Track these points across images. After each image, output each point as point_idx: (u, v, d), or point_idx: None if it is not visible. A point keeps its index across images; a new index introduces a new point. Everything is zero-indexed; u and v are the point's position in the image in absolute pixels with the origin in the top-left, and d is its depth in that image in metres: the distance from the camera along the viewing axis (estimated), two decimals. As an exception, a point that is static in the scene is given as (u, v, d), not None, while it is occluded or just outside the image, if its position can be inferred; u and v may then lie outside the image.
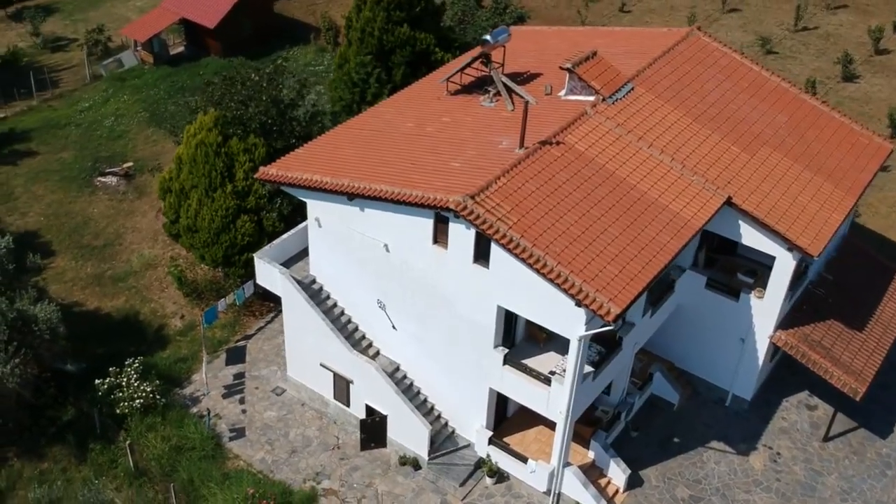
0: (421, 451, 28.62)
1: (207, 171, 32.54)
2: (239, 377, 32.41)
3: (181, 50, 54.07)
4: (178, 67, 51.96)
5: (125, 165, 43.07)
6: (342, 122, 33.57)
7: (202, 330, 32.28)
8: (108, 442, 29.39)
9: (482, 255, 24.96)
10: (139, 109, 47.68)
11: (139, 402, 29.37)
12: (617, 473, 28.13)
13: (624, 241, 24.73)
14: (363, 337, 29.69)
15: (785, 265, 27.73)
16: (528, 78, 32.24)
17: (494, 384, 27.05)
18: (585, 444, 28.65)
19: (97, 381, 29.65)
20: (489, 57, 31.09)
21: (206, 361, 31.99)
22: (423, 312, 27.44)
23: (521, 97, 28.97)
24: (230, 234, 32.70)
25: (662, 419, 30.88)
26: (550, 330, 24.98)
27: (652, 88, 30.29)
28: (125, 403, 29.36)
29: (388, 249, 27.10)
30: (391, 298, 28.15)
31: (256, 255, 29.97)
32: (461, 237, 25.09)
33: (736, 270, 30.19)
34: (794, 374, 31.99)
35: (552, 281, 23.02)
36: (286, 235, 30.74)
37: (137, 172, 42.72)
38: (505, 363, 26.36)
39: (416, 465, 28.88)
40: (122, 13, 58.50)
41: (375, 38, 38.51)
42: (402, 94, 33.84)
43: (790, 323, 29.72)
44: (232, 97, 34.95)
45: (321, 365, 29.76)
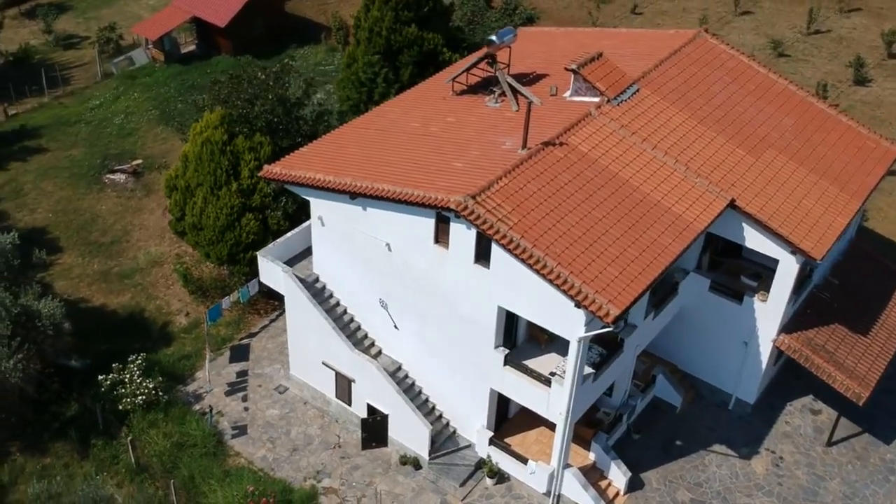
0: (422, 450, 28.64)
1: (213, 168, 32.68)
2: (242, 375, 32.53)
3: (192, 48, 54.32)
4: (188, 66, 52.21)
5: (134, 163, 43.31)
6: (349, 121, 33.65)
7: (206, 327, 32.41)
8: (110, 438, 29.55)
9: (483, 255, 24.96)
10: (149, 107, 47.94)
11: (141, 398, 29.52)
12: (617, 475, 28.06)
13: (625, 242, 24.66)
14: (365, 336, 29.74)
15: (788, 268, 27.59)
16: (534, 79, 32.22)
17: (495, 385, 27.04)
18: (586, 445, 28.60)
19: (100, 377, 29.84)
20: (494, 57, 31.08)
21: (209, 359, 32.12)
22: (424, 312, 27.47)
23: (525, 98, 28.94)
24: (235, 232, 32.82)
25: (665, 422, 30.77)
26: (551, 331, 24.95)
27: (657, 90, 30.19)
28: (128, 400, 29.52)
29: (390, 249, 27.14)
30: (393, 298, 28.19)
31: (260, 253, 30.07)
32: (462, 237, 25.10)
33: (740, 273, 30.06)
34: (798, 378, 31.79)
35: (552, 282, 22.99)
36: (290, 234, 30.84)
37: (146, 170, 42.96)
38: (505, 364, 26.35)
39: (416, 464, 28.90)
40: (134, 11, 58.83)
41: (383, 37, 38.57)
42: (407, 93, 33.89)
43: (794, 327, 29.55)
44: (238, 96, 35.09)
45: (323, 363, 29.83)
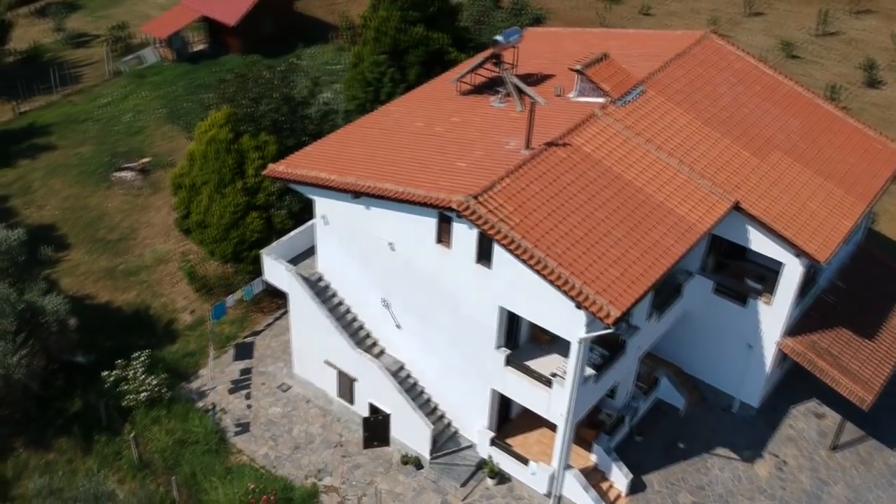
0: (423, 450, 28.64)
1: (218, 167, 32.78)
2: (246, 373, 32.61)
3: (202, 47, 54.58)
4: (197, 65, 52.46)
5: (142, 161, 43.50)
6: (354, 120, 33.67)
7: (210, 325, 32.50)
8: (113, 434, 29.68)
9: (485, 255, 24.95)
10: (158, 106, 48.15)
11: (144, 395, 29.66)
12: (619, 477, 27.97)
13: (627, 243, 24.59)
14: (368, 335, 29.76)
15: (792, 271, 27.45)
16: (540, 79, 32.18)
17: (496, 385, 27.01)
18: (588, 447, 28.53)
19: (104, 373, 29.99)
20: (500, 57, 31.06)
21: (213, 356, 32.22)
22: (426, 312, 27.47)
23: (530, 98, 28.91)
24: (239, 230, 32.91)
25: (667, 424, 30.65)
26: (552, 332, 24.91)
27: (663, 91, 30.10)
28: (131, 396, 29.66)
29: (392, 248, 27.16)
30: (396, 297, 28.21)
31: (264, 251, 30.15)
32: (464, 237, 25.10)
33: (745, 275, 29.92)
34: (803, 381, 31.61)
35: (552, 282, 22.94)
36: (294, 232, 30.89)
37: (154, 168, 43.14)
38: (507, 364, 26.32)
39: (417, 464, 28.89)
40: (144, 10, 59.13)
41: (390, 37, 38.62)
42: (413, 93, 33.92)
43: (798, 330, 29.39)
44: (244, 95, 35.20)
45: (326, 362, 29.88)
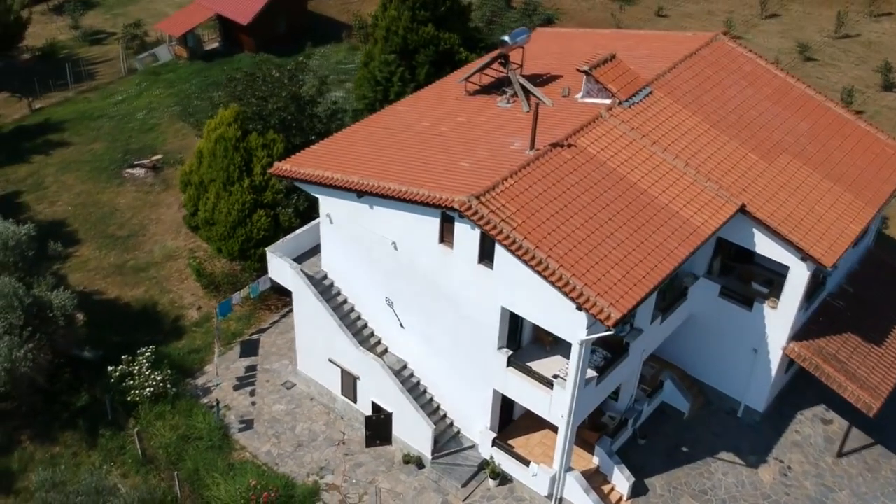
0: (424, 450, 28.63)
1: (226, 165, 32.95)
2: (251, 370, 32.73)
3: (216, 46, 54.86)
4: (211, 63, 52.74)
5: (154, 158, 43.80)
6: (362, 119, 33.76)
7: (216, 322, 32.65)
8: (118, 429, 29.89)
9: (487, 255, 24.92)
10: (171, 103, 48.46)
11: (149, 390, 29.83)
12: (621, 480, 27.84)
13: (630, 245, 24.47)
14: (372, 334, 29.81)
15: (799, 275, 27.21)
16: (548, 79, 32.10)
17: (498, 386, 26.96)
18: (590, 449, 28.42)
19: (109, 368, 30.20)
20: (507, 58, 31.00)
21: (218, 353, 32.38)
22: (429, 311, 27.47)
23: (537, 98, 28.86)
24: (246, 227, 33.06)
25: (671, 427, 30.49)
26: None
27: (671, 93, 29.94)
28: (136, 392, 29.85)
29: (396, 247, 27.18)
30: (399, 296, 28.23)
31: (269, 249, 30.26)
32: (466, 237, 25.07)
33: (752, 279, 29.70)
34: (810, 386, 31.32)
35: (553, 284, 22.88)
36: (299, 231, 30.99)
37: (165, 165, 43.41)
38: (509, 365, 26.27)
39: (419, 463, 28.90)
40: (160, 8, 59.50)
41: (400, 36, 38.67)
42: (421, 93, 33.93)
43: (805, 335, 29.13)
44: (253, 93, 35.35)
45: (329, 360, 29.94)
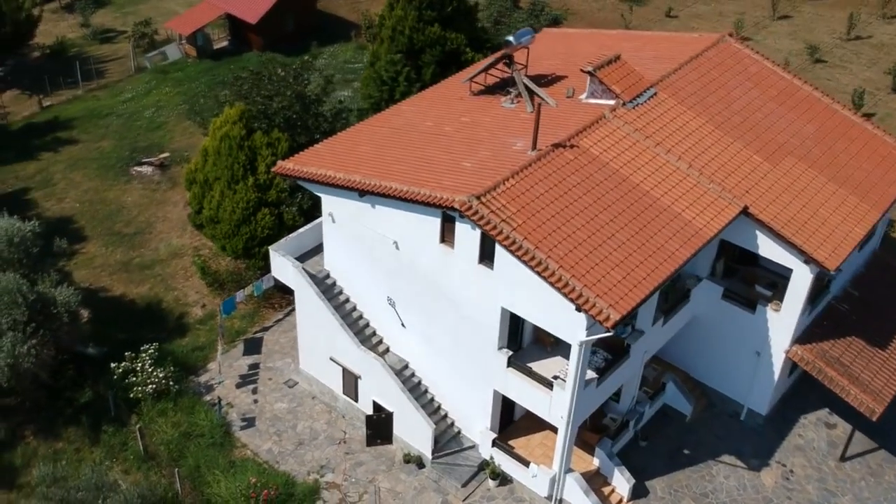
0: (425, 449, 28.64)
1: (230, 163, 33.06)
2: (254, 368, 32.82)
3: (225, 44, 55.02)
4: (219, 62, 52.89)
5: (161, 156, 43.98)
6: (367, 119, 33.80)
7: (220, 320, 32.74)
8: (120, 425, 30.02)
9: (487, 255, 24.91)
10: (179, 102, 48.64)
11: (151, 387, 29.95)
12: (621, 482, 27.78)
13: (631, 247, 24.41)
14: (374, 333, 29.84)
15: (802, 278, 27.07)
16: (552, 80, 32.06)
17: (498, 386, 26.94)
18: (591, 451, 28.37)
19: (112, 364, 30.33)
20: (511, 58, 30.97)
21: (221, 351, 32.48)
22: (430, 311, 27.49)
23: (540, 99, 28.81)
24: (250, 226, 33.16)
25: (673, 430, 30.39)
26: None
27: (675, 94, 29.84)
28: (138, 388, 29.98)
29: (397, 247, 27.20)
30: (400, 295, 28.25)
31: (272, 247, 30.32)
32: (467, 237, 25.07)
33: (755, 282, 29.57)
34: (814, 390, 31.13)
35: (553, 284, 22.84)
36: (303, 229, 31.05)
37: (172, 163, 43.58)
38: (509, 365, 26.25)
39: (419, 463, 28.91)
40: (170, 7, 59.70)
41: (406, 36, 38.69)
42: (426, 92, 33.95)
43: (809, 338, 28.99)
44: (259, 92, 35.45)
45: (331, 359, 29.99)
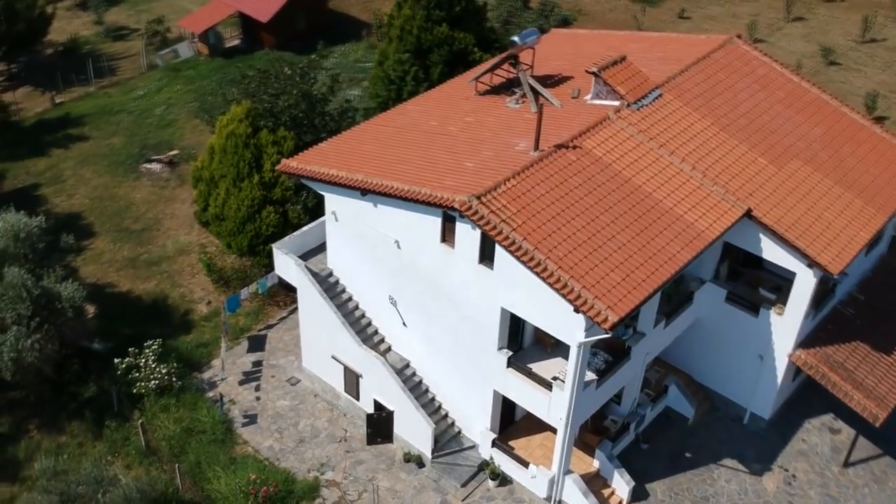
0: (425, 449, 28.66)
1: (236, 161, 33.21)
2: (257, 365, 32.95)
3: (237, 43, 55.29)
4: (231, 60, 53.15)
5: (170, 153, 44.25)
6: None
7: (224, 316, 32.89)
8: (123, 420, 30.22)
9: (487, 255, 24.89)
10: (189, 99, 48.91)
11: (154, 383, 30.13)
12: (620, 484, 27.68)
13: (631, 249, 24.31)
14: (376, 332, 29.88)
15: (805, 282, 26.87)
16: (558, 81, 31.99)
17: (498, 387, 26.92)
18: (592, 452, 28.29)
19: (116, 360, 30.54)
20: (517, 58, 30.92)
21: (224, 348, 32.61)
22: (431, 310, 27.50)
23: (545, 99, 28.77)
24: (255, 223, 33.29)
25: (675, 433, 30.24)
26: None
27: (681, 96, 29.69)
28: (141, 384, 30.16)
29: (399, 246, 27.23)
30: (402, 295, 28.28)
31: (275, 245, 30.43)
32: (467, 237, 25.06)
33: (760, 285, 29.39)
34: (818, 395, 30.87)
35: (551, 285, 22.79)
36: (306, 228, 31.15)
37: (181, 160, 43.82)
38: (509, 366, 26.21)
39: (419, 462, 28.92)
40: (184, 5, 60.03)
41: (414, 36, 38.74)
42: (431, 92, 33.97)
43: (813, 342, 28.78)
44: (265, 90, 35.60)
45: (333, 357, 30.06)
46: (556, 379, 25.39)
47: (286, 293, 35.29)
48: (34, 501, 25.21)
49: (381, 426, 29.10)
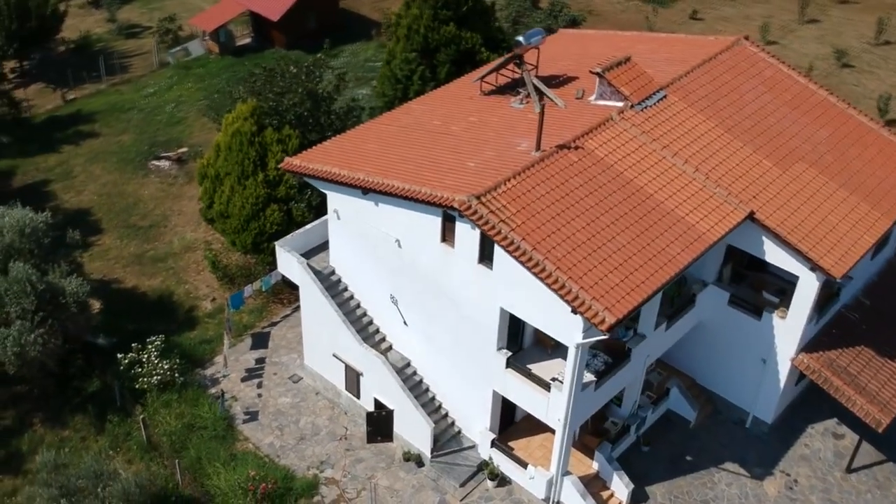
0: (424, 448, 28.66)
1: (241, 159, 33.33)
2: (260, 362, 33.05)
3: (248, 41, 55.49)
4: (241, 58, 53.37)
5: (179, 151, 44.48)
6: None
7: (227, 313, 33.01)
8: (125, 415, 30.40)
9: (486, 255, 24.86)
10: (199, 97, 49.14)
11: (157, 378, 30.28)
12: (620, 487, 27.57)
13: (631, 250, 24.21)
14: (377, 331, 29.92)
15: (808, 286, 26.68)
16: (564, 81, 31.92)
17: (497, 387, 26.88)
18: (592, 454, 28.20)
19: (119, 355, 30.72)
20: (521, 58, 30.86)
21: (227, 345, 32.72)
22: (431, 310, 27.50)
23: (550, 100, 28.69)
24: (259, 221, 33.40)
25: (677, 436, 30.10)
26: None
27: (686, 97, 29.55)
28: (144, 379, 30.33)
29: (399, 245, 27.24)
30: (403, 294, 28.30)
31: (277, 243, 30.50)
32: (467, 237, 25.04)
33: (763, 288, 29.21)
34: (822, 400, 30.58)
35: (549, 286, 22.73)
36: (309, 226, 31.23)
37: (190, 158, 44.03)
38: (508, 366, 26.17)
39: (419, 461, 28.93)
40: (196, 3, 60.33)
41: (421, 35, 38.74)
42: (436, 91, 33.97)
43: (816, 346, 28.57)
44: (271, 88, 35.70)
45: (334, 356, 30.12)
46: (554, 380, 25.34)
47: (290, 291, 35.38)
48: (34, 494, 25.39)
49: (380, 425, 29.14)
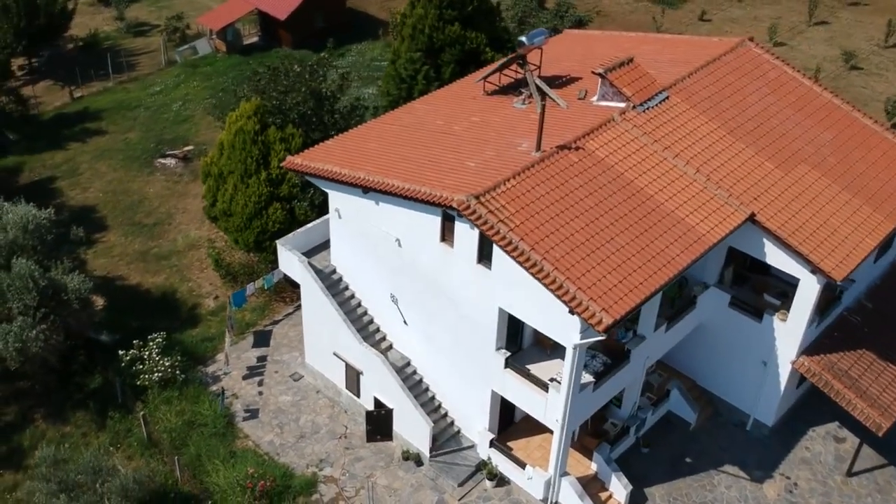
0: (423, 447, 28.68)
1: (244, 157, 33.41)
2: (262, 360, 33.14)
3: (255, 40, 55.64)
4: (248, 57, 53.50)
5: (185, 149, 44.63)
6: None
7: (229, 311, 33.11)
8: (126, 412, 30.53)
9: (485, 255, 24.86)
10: (206, 96, 49.29)
11: (157, 375, 30.40)
12: (618, 488, 27.52)
13: (630, 251, 24.17)
14: (377, 330, 29.96)
15: (809, 288, 26.57)
16: (567, 81, 31.91)
17: (496, 387, 26.88)
18: (591, 455, 28.16)
19: (121, 352, 30.85)
20: (524, 58, 30.85)
21: (229, 342, 32.83)
22: (430, 309, 27.52)
23: (552, 100, 28.67)
24: (262, 220, 33.48)
25: (677, 437, 30.03)
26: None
27: (688, 98, 29.48)
28: (145, 376, 30.45)
29: (399, 244, 27.28)
30: (403, 293, 28.33)
31: (279, 242, 30.57)
32: (466, 236, 25.06)
33: (765, 291, 29.11)
34: (824, 403, 30.46)
35: (547, 286, 22.72)
36: (311, 225, 31.28)
37: (195, 156, 44.18)
38: (506, 366, 26.16)
39: (418, 460, 28.95)
40: (204, 2, 60.57)
41: (426, 35, 38.79)
42: (440, 91, 34.02)
43: (817, 349, 28.46)
44: (275, 87, 35.79)
45: (334, 354, 30.17)
46: (552, 380, 25.32)
47: (292, 289, 35.46)
48: (34, 489, 25.53)
49: (380, 424, 29.18)
